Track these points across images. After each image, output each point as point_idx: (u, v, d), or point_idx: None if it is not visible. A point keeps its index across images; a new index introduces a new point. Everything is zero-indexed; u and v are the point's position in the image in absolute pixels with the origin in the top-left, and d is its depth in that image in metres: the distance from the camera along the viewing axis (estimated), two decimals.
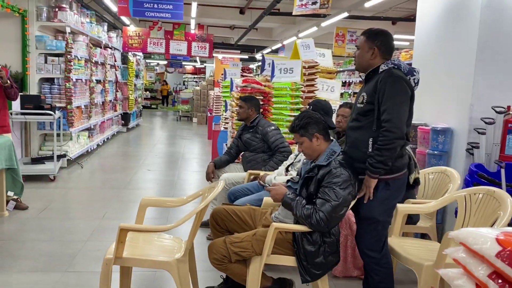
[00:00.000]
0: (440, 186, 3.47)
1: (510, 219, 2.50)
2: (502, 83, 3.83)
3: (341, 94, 13.31)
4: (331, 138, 2.74)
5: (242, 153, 4.42)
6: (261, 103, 4.86)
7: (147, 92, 22.32)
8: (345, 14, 8.81)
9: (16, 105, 5.76)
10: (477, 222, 2.71)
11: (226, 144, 6.12)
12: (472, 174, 3.57)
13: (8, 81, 4.48)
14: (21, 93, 5.74)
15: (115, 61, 10.50)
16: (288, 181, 2.95)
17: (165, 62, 24.32)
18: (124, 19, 10.40)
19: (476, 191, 2.80)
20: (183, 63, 24.55)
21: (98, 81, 8.93)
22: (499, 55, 3.79)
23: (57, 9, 6.63)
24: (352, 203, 3.29)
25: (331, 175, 2.50)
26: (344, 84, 13.28)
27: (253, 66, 20.59)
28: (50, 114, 5.77)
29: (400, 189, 2.64)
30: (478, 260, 0.94)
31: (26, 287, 2.99)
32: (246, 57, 19.04)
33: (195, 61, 23.13)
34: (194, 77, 27.72)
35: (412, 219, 3.34)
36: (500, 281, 0.85)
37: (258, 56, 17.41)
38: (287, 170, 3.61)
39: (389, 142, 2.40)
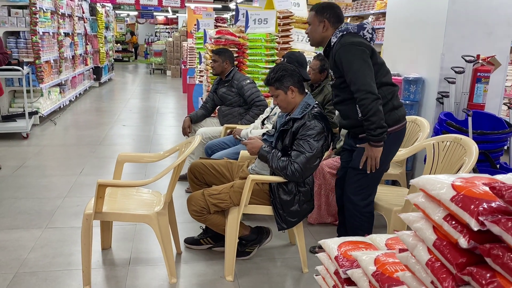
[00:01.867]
0: (411, 135, 3.58)
1: (474, 164, 2.63)
2: (472, 33, 3.89)
3: None
4: (306, 91, 2.77)
5: (218, 107, 4.42)
6: (236, 55, 4.82)
7: (118, 44, 21.63)
8: None
9: None
10: (444, 169, 2.84)
11: (201, 98, 6.10)
12: (441, 123, 3.68)
13: None
14: None
15: (83, 12, 10.09)
16: (263, 134, 3.00)
17: (136, 13, 23.42)
18: None
19: (444, 139, 2.91)
20: (155, 13, 23.69)
21: (66, 34, 8.61)
22: (470, 4, 3.82)
23: None
24: (326, 154, 3.40)
25: (305, 127, 2.56)
26: None
27: (227, 16, 20.07)
28: (18, 70, 5.58)
29: (396, 143, 2.66)
30: (435, 205, 1.01)
31: (7, 245, 3.02)
32: (220, 6, 18.50)
33: (167, 11, 22.34)
34: (167, 28, 26.90)
35: None
36: (453, 222, 0.93)
37: (232, 5, 16.94)
38: (263, 123, 3.66)
39: (368, 109, 2.41)
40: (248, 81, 4.17)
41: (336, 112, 3.58)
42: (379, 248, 1.41)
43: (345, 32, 2.54)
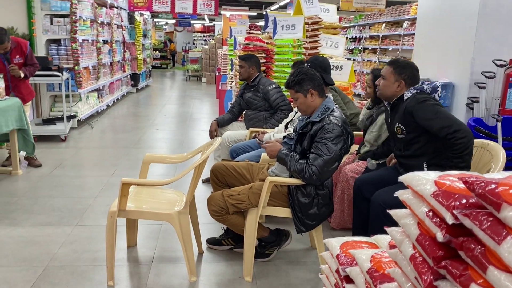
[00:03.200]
0: (481, 162, 3.47)
1: (501, 170, 2.56)
2: (504, 36, 3.79)
3: (351, 50, 13.17)
4: (326, 94, 2.79)
5: (244, 111, 4.49)
6: (264, 60, 4.89)
7: (157, 52, 22.21)
8: None
9: None
10: None
11: (230, 103, 6.19)
12: (470, 128, 3.60)
13: (22, 74, 4.64)
14: None
15: (122, 21, 10.46)
16: (284, 137, 3.03)
17: (174, 21, 24.02)
18: None
19: None
20: (192, 21, 24.21)
21: (105, 42, 8.95)
22: (501, 7, 3.73)
23: None
24: (347, 158, 3.39)
25: (323, 130, 2.57)
26: (354, 39, 13.08)
27: (262, 23, 20.24)
28: (58, 76, 5.86)
29: None
30: (420, 200, 1.02)
31: (39, 240, 3.18)
32: (255, 14, 18.71)
33: (204, 19, 22.78)
34: (204, 36, 27.39)
35: None
36: (434, 217, 0.94)
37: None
38: (286, 127, 3.69)
39: (466, 146, 2.43)
40: (274, 85, 4.22)
41: (360, 116, 3.57)
42: (382, 247, 1.42)
43: (419, 91, 2.64)
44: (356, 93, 10.94)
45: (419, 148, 2.66)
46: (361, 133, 3.68)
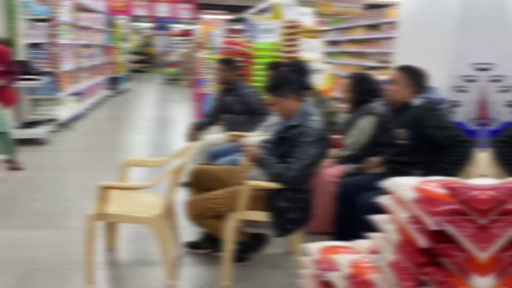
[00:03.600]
0: None
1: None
2: (485, 40, 3.87)
3: (331, 54, 13.33)
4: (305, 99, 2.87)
5: (224, 115, 4.56)
6: (242, 64, 4.98)
7: (136, 55, 22.03)
8: None
9: None
10: None
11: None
12: None
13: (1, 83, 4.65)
14: None
15: (101, 25, 10.43)
16: (263, 141, 3.11)
17: (153, 25, 23.89)
18: None
19: None
20: (171, 25, 24.15)
21: (85, 46, 8.92)
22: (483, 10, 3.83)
23: None
24: (327, 162, 3.42)
25: (302, 134, 2.62)
26: (334, 43, 13.24)
27: (240, 27, 20.31)
28: (38, 79, 5.86)
29: None
30: (401, 206, 1.07)
31: (19, 243, 3.19)
32: (234, 17, 18.75)
33: (183, 23, 22.75)
34: (183, 40, 27.30)
35: None
36: (415, 223, 0.98)
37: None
38: (265, 131, 3.78)
39: (468, 157, 2.56)
40: (252, 89, 4.31)
41: (340, 120, 3.66)
42: (362, 253, 1.43)
43: (428, 100, 2.74)
44: (337, 97, 11.04)
45: (417, 156, 2.70)
46: (340, 136, 3.78)
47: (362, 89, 3.42)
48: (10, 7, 6.28)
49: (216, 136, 4.32)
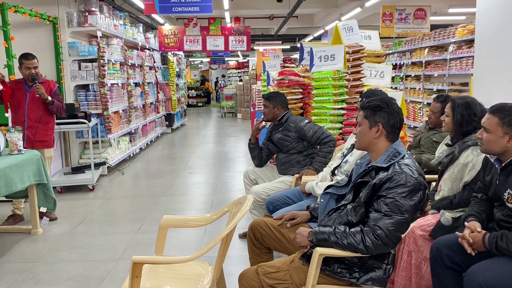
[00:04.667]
0: None
1: None
2: None
3: (392, 78, 12.50)
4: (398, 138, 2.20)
5: (275, 155, 3.99)
6: (301, 96, 4.38)
7: (192, 90, 22.26)
8: None
9: None
10: None
11: None
12: None
13: (49, 97, 4.50)
14: None
15: (154, 62, 10.32)
16: (328, 187, 2.45)
17: (208, 59, 24.20)
18: (159, 18, 10.18)
19: None
20: (226, 58, 24.33)
21: (136, 84, 8.76)
22: None
23: (87, 13, 6.45)
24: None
25: (392, 181, 1.98)
26: (395, 67, 12.43)
27: (296, 56, 19.98)
28: (84, 123, 5.58)
29: None
30: None
31: None
32: (288, 47, 18.47)
33: (238, 56, 22.84)
34: (238, 72, 27.46)
35: None
36: None
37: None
38: (333, 174, 3.11)
39: None
40: (307, 120, 3.72)
41: (437, 153, 2.98)
42: None
43: None
44: (411, 126, 10.15)
45: None
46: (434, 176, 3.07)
47: (467, 116, 2.72)
48: (57, 49, 6.14)
49: (267, 185, 3.71)
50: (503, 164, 2.17)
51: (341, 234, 2.02)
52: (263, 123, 3.96)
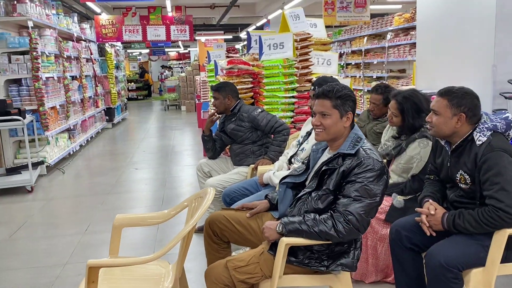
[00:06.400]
0: None
1: None
2: None
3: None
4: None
5: (229, 146, 3.91)
6: (251, 86, 4.32)
7: (132, 83, 21.56)
8: None
9: None
10: None
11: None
12: None
13: None
14: None
15: (91, 54, 9.82)
16: (285, 177, 2.40)
17: (148, 51, 23.49)
18: (95, 7, 9.67)
19: None
20: (166, 49, 23.73)
21: (73, 77, 8.29)
22: None
23: (15, 2, 5.96)
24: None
25: (361, 166, 1.98)
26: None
27: (238, 46, 19.87)
28: (18, 120, 5.18)
29: None
30: None
31: None
32: (231, 37, 18.32)
33: (178, 46, 22.35)
34: (180, 63, 26.91)
35: None
36: None
37: (243, 35, 16.70)
38: (290, 162, 3.08)
39: (494, 225, 2.03)
40: (259, 110, 3.68)
41: (384, 143, 3.02)
42: None
43: (493, 131, 2.12)
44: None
45: (475, 203, 2.16)
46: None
47: (417, 116, 2.76)
48: None
49: (223, 177, 3.63)
50: (453, 147, 2.23)
51: (312, 222, 1.99)
52: (217, 115, 3.86)
